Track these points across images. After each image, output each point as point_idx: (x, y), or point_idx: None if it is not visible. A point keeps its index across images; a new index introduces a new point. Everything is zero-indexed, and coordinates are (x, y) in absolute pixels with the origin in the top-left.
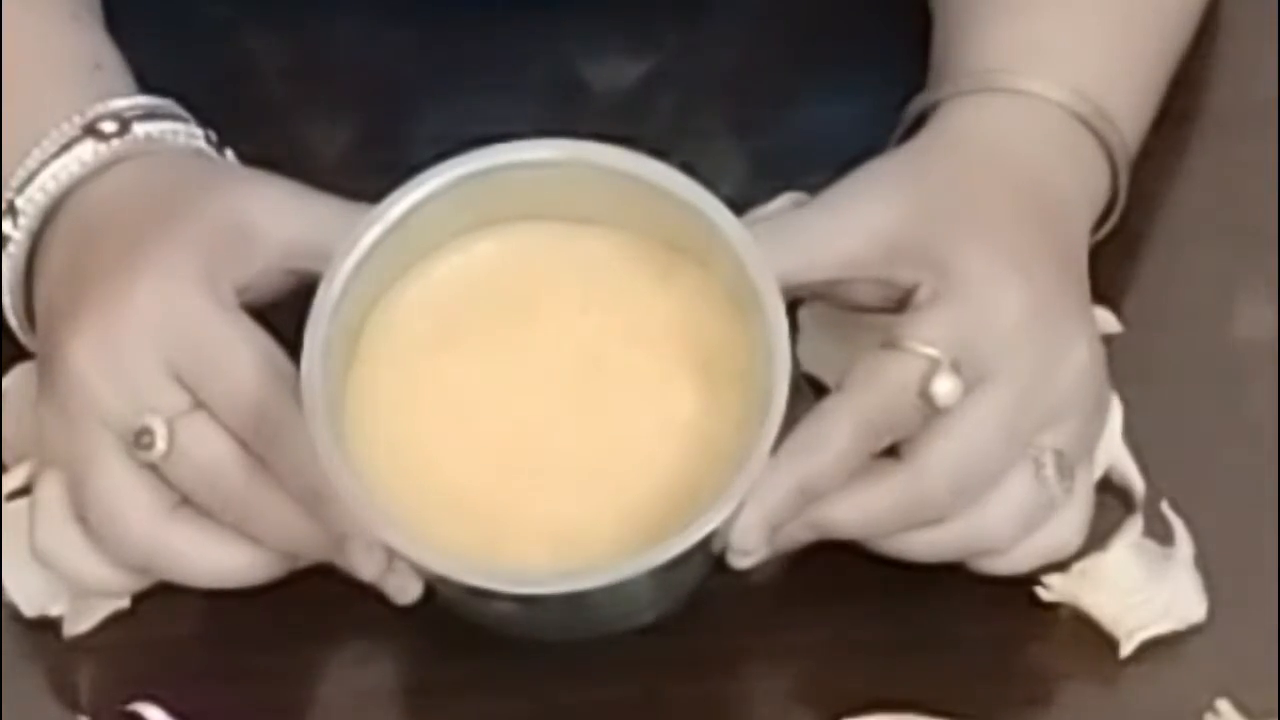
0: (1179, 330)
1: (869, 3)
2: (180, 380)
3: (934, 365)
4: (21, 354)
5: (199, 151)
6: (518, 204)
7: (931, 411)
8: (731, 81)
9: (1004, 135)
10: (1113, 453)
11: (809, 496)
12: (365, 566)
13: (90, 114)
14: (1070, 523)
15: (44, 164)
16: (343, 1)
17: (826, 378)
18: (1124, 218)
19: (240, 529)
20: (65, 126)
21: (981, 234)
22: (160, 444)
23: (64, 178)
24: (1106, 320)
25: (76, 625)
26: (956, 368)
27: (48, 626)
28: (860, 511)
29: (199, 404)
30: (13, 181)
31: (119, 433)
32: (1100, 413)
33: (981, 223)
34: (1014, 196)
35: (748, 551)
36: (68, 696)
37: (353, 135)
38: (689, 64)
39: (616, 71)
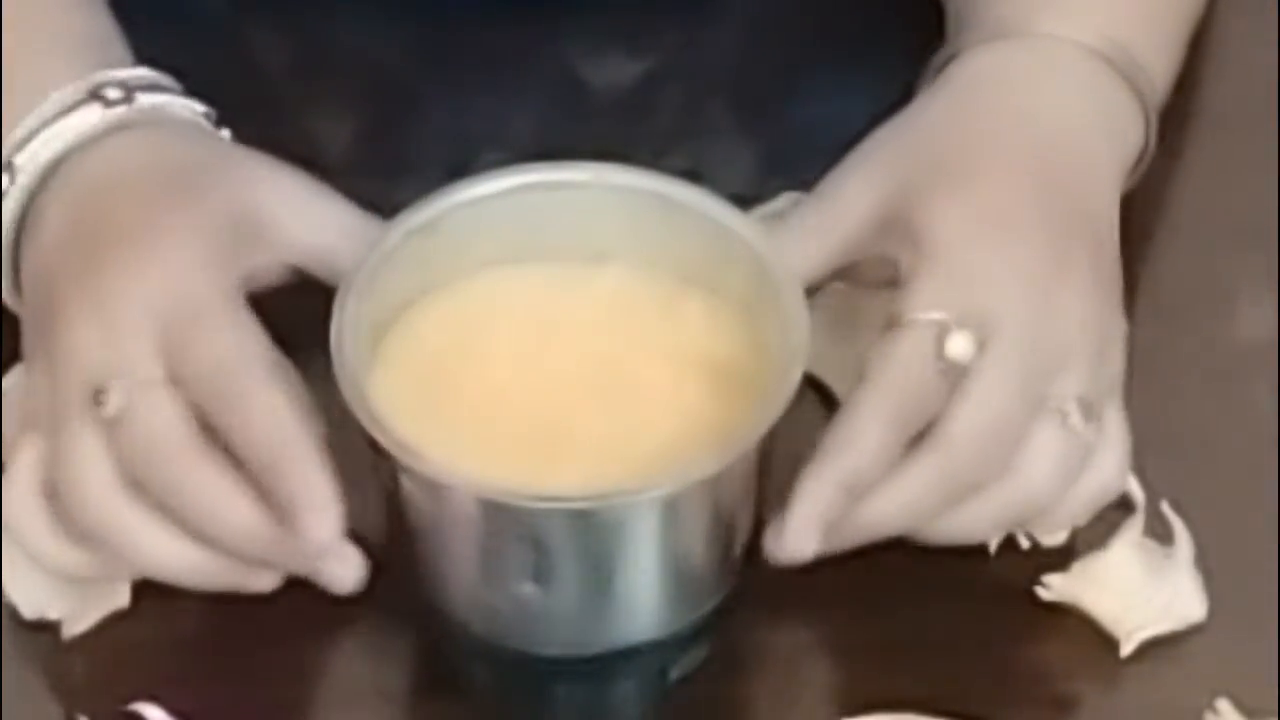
0: (1179, 330)
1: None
2: (163, 350)
3: (943, 327)
4: (21, 354)
5: (200, 127)
6: (537, 229)
7: (954, 374)
8: (732, 79)
9: (1014, 81)
10: None
11: (854, 492)
12: (318, 528)
13: (95, 79)
14: (1109, 463)
15: (45, 124)
16: (344, 1)
17: (827, 378)
18: (1124, 217)
19: (171, 509)
20: (69, 89)
21: (953, 194)
22: (113, 405)
23: (69, 137)
24: None
25: (75, 626)
26: (963, 325)
27: (47, 627)
28: (900, 501)
29: (171, 379)
30: (10, 140)
31: (87, 390)
32: (1112, 350)
33: (955, 182)
34: (1004, 147)
35: (803, 557)
36: (67, 696)
37: (353, 133)
38: (689, 62)
39: (617, 70)
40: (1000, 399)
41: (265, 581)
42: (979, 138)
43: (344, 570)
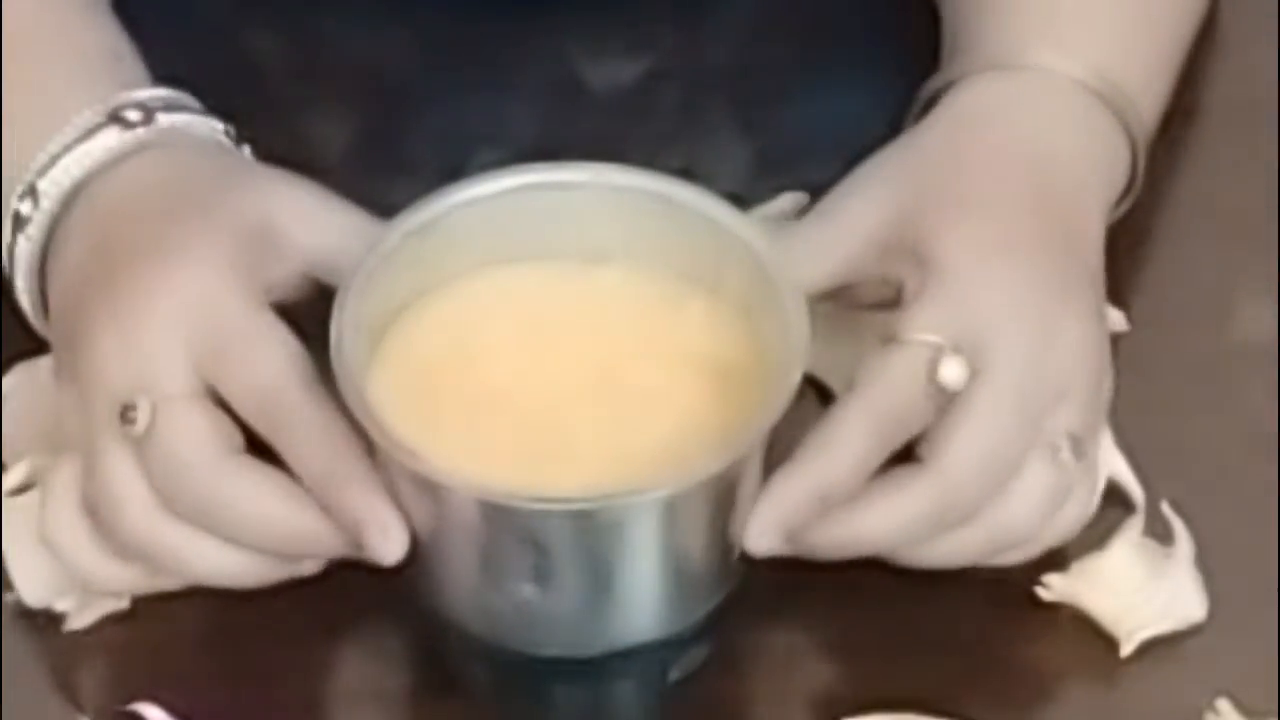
0: (1179, 330)
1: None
2: (198, 365)
3: (938, 351)
4: (21, 354)
5: (218, 144)
6: (535, 230)
7: (942, 399)
8: (731, 79)
9: (1010, 111)
10: (1111, 465)
11: (827, 501)
12: (387, 549)
13: (114, 102)
14: (1077, 506)
15: (67, 149)
16: (343, 1)
17: (827, 379)
18: (1125, 217)
19: (204, 523)
20: (88, 113)
21: (960, 219)
22: (141, 422)
23: (88, 163)
24: (1115, 319)
25: (79, 619)
26: (959, 351)
27: (49, 625)
28: (893, 521)
29: (208, 392)
30: (33, 164)
31: (115, 407)
32: (1102, 388)
33: (961, 207)
34: (1004, 174)
35: (760, 555)
36: (68, 696)
37: (353, 134)
38: (689, 62)
39: (616, 70)
40: (1001, 426)
41: (312, 566)
42: (983, 168)
43: (388, 543)
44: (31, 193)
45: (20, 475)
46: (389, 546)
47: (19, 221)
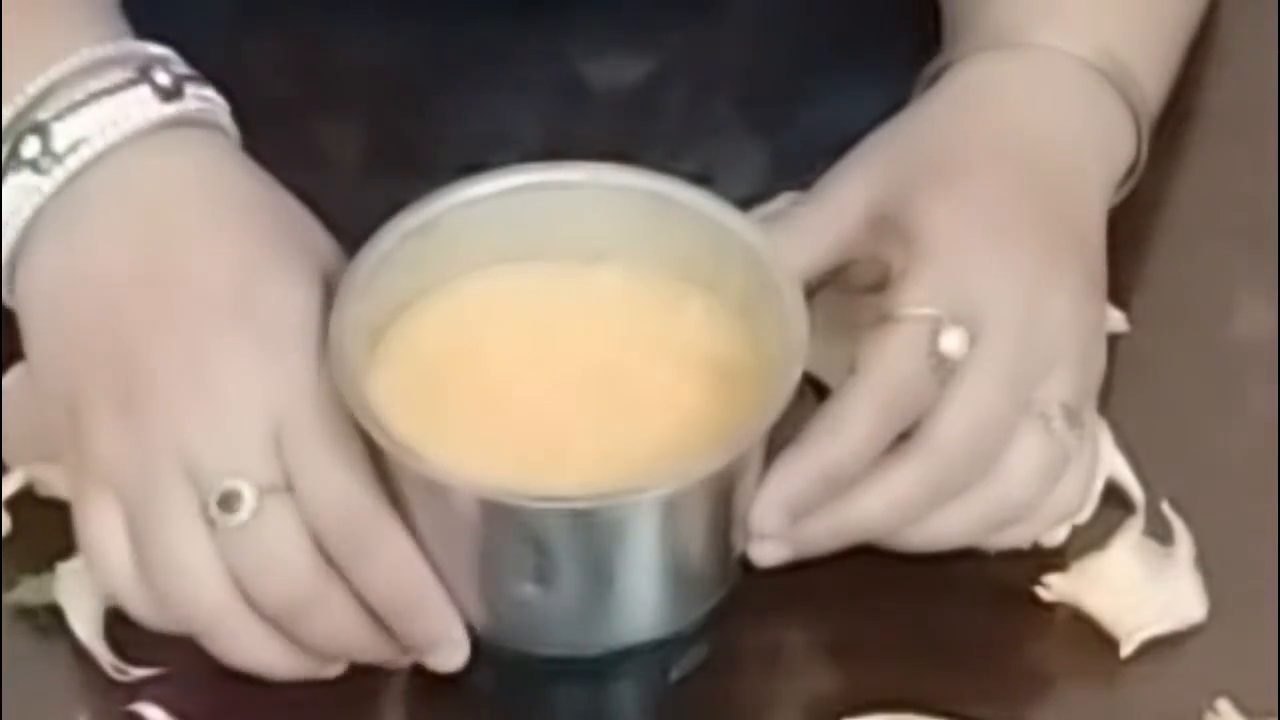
0: (1179, 330)
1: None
2: (284, 462)
3: (936, 323)
4: (21, 353)
5: (237, 142)
6: (534, 229)
7: (945, 371)
8: (737, 79)
9: (1007, 88)
10: (1111, 465)
11: (832, 483)
12: (454, 661)
13: (144, 55)
14: (1075, 482)
15: (93, 95)
16: (347, 2)
17: (826, 377)
18: (1124, 217)
19: (285, 624)
20: (108, 51)
21: (945, 194)
22: (244, 513)
23: (126, 127)
24: (1115, 319)
25: (77, 620)
26: (956, 321)
27: (50, 624)
28: (884, 499)
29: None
30: (31, 88)
31: (204, 490)
32: (1095, 359)
33: (947, 182)
34: (995, 149)
35: (764, 534)
36: (68, 696)
37: (355, 134)
38: (693, 62)
39: (621, 70)
40: (989, 396)
41: (337, 669)
42: (972, 143)
43: (455, 657)
44: (39, 131)
45: (20, 479)
46: (456, 659)
47: (18, 159)
